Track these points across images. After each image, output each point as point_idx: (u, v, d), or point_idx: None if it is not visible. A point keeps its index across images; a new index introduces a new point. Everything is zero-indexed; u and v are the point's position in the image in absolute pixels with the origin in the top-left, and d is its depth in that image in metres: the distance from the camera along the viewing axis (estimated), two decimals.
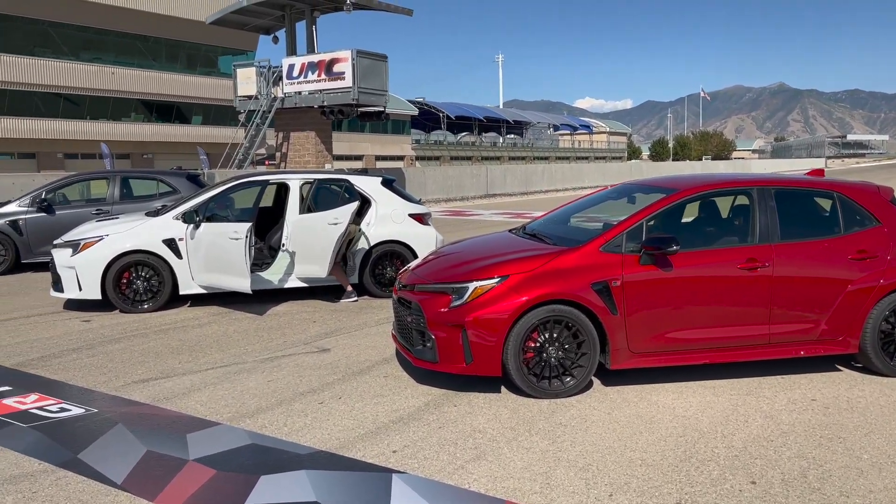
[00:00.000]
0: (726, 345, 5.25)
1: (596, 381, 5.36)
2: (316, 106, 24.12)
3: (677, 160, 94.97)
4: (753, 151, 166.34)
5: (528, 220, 6.77)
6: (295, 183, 8.65)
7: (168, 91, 46.40)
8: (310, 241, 8.10)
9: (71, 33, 41.98)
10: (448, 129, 74.65)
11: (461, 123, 75.13)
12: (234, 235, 7.52)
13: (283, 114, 24.99)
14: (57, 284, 8.05)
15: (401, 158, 65.32)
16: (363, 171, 9.06)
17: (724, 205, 6.21)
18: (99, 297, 7.87)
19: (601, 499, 3.59)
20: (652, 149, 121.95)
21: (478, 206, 27.00)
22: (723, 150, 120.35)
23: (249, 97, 25.02)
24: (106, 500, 3.64)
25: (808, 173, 6.32)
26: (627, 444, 4.26)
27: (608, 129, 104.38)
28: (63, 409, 4.94)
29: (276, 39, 27.43)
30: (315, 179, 8.89)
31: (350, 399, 5.12)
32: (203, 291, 8.17)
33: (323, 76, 23.46)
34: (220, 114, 49.09)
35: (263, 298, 8.62)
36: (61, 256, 7.97)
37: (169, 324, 7.53)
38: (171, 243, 7.98)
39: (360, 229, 8.72)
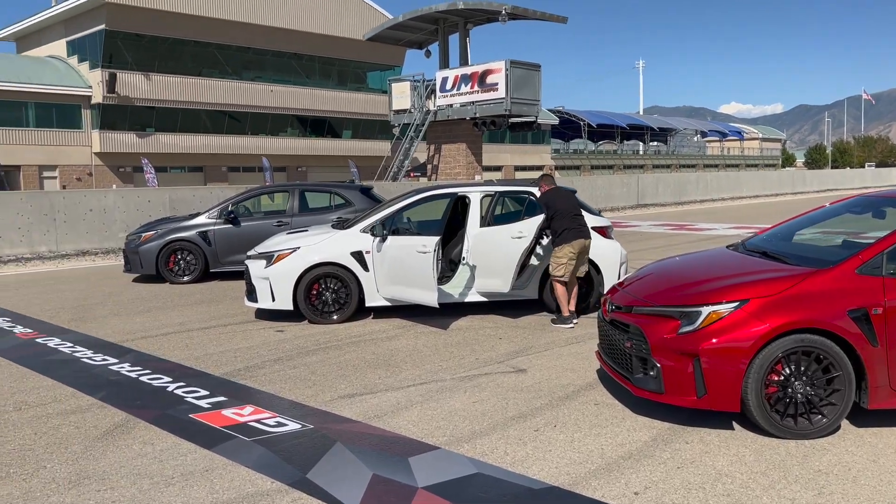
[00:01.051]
0: None
1: (843, 422, 4.73)
2: (468, 118, 24.27)
3: (836, 167, 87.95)
4: None
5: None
6: (475, 195, 8.50)
7: (321, 106, 48.58)
8: (492, 255, 7.89)
9: (234, 54, 44.97)
10: (589, 137, 73.10)
11: (601, 131, 73.34)
12: (422, 249, 7.44)
13: (435, 126, 25.34)
14: (251, 294, 8.30)
15: (540, 168, 64.71)
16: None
17: None
18: (291, 307, 8.04)
19: None
20: (808, 155, 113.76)
21: (631, 216, 26.03)
22: (889, 157, 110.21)
23: (403, 111, 25.57)
24: None
25: None
26: None
27: (760, 136, 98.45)
28: (280, 424, 4.97)
29: (428, 53, 27.92)
30: (496, 192, 8.69)
31: (566, 428, 4.80)
32: (387, 304, 8.18)
33: (476, 88, 23.53)
34: (368, 127, 50.81)
35: (444, 312, 8.51)
36: (256, 267, 8.22)
37: (358, 336, 7.56)
38: (358, 255, 8.03)
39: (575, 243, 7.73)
